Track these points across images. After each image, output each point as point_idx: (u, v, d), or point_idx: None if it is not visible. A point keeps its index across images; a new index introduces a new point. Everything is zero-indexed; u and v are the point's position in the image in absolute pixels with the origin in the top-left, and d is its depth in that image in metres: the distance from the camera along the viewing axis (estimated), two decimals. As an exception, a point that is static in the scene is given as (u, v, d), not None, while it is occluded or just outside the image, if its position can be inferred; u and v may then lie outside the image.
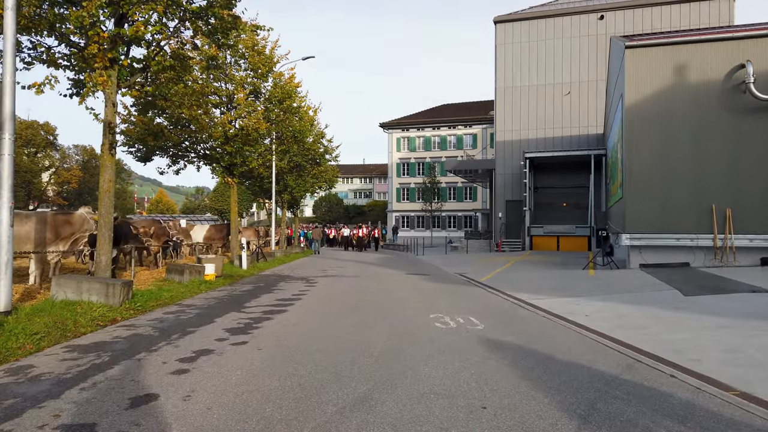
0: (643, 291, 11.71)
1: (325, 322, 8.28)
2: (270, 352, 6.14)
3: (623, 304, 10.24)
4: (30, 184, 61.39)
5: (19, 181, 55.68)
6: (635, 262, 17.18)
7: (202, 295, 11.78)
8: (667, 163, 16.69)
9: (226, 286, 13.67)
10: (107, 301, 9.35)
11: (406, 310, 9.71)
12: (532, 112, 34.29)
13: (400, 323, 8.21)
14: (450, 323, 8.24)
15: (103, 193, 11.01)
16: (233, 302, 10.64)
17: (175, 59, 12.62)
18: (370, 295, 12.01)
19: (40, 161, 65.91)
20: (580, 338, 7.25)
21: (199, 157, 21.01)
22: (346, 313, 9.15)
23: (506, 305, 10.59)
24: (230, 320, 8.39)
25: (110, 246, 11.05)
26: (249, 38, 20.44)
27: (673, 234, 16.45)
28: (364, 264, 23.22)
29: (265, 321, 8.30)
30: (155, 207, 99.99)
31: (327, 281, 15.20)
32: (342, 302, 10.68)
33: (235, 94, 19.83)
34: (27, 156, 61.74)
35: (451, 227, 58.76)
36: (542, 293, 12.25)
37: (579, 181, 32.29)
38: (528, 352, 6.32)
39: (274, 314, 9.01)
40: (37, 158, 65.30)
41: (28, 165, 60.56)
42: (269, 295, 11.83)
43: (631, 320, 8.64)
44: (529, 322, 8.51)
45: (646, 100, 17.11)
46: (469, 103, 65.05)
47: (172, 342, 6.70)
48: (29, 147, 63.24)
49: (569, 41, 33.68)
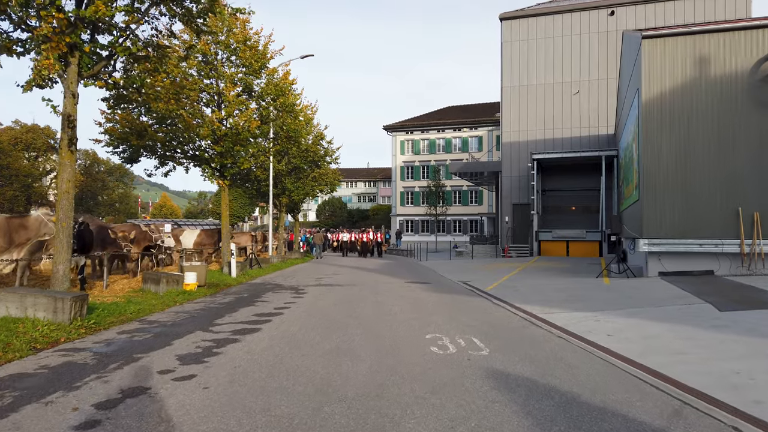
0: (670, 304, 10.37)
1: (300, 345, 7.02)
2: (216, 392, 4.88)
3: (650, 320, 8.91)
4: (29, 188, 60.44)
5: (18, 185, 54.70)
6: (654, 269, 15.83)
7: (175, 309, 10.54)
8: (688, 162, 15.37)
9: (206, 297, 12.43)
10: (55, 317, 8.13)
11: (399, 328, 8.43)
12: (539, 112, 32.94)
13: (389, 347, 6.93)
14: (449, 347, 6.96)
15: (62, 194, 9.81)
16: (205, 318, 9.39)
17: (149, 47, 11.46)
18: (362, 308, 10.73)
19: (40, 165, 65.00)
20: (606, 368, 5.95)
21: (188, 158, 19.83)
22: (329, 334, 7.88)
23: (515, 321, 9.29)
24: (190, 343, 7.14)
25: (69, 254, 9.83)
26: (240, 32, 19.30)
27: (696, 239, 15.11)
28: (363, 271, 21.95)
29: (230, 344, 7.04)
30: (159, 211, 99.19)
31: (318, 291, 13.94)
32: (328, 318, 9.41)
33: (224, 91, 18.63)
34: (27, 160, 60.78)
35: (456, 232, 57.36)
36: (554, 306, 10.95)
37: (589, 183, 30.91)
38: (544, 390, 5.03)
39: (245, 334, 7.75)
40: (37, 162, 64.38)
41: (29, 169, 59.58)
42: (249, 308, 10.57)
43: (663, 342, 7.32)
44: (542, 345, 7.21)
45: (664, 94, 15.80)
46: (474, 105, 63.71)
47: (105, 375, 5.45)
48: (29, 151, 62.32)
49: (578, 38, 32.35)
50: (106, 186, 70.06)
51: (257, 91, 20.16)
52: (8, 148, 56.91)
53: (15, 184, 55.06)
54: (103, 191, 69.67)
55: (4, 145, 56.32)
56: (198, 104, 18.92)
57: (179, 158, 19.75)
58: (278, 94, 20.16)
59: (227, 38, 19.17)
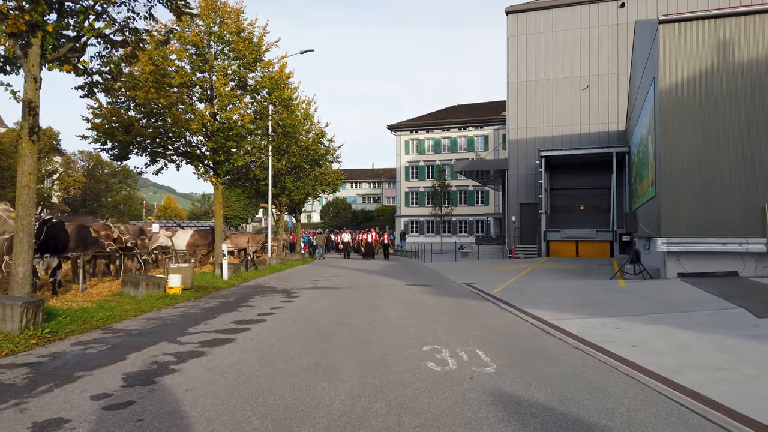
0: (698, 309, 9.30)
1: (274, 361, 6.03)
2: (149, 428, 3.88)
3: (678, 328, 7.85)
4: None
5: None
6: (672, 270, 14.76)
7: (150, 315, 9.56)
8: (708, 154, 14.33)
9: (188, 302, 11.46)
10: (3, 326, 7.18)
11: (393, 336, 7.43)
12: (547, 108, 31.81)
13: (378, 362, 5.92)
14: (448, 361, 5.94)
15: (22, 188, 8.87)
16: (178, 326, 8.40)
17: (126, 31, 10.53)
18: (354, 314, 9.73)
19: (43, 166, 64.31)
20: (637, 389, 4.92)
21: (179, 155, 18.90)
22: (311, 345, 6.88)
23: (524, 329, 8.26)
24: (147, 357, 6.16)
25: (30, 255, 8.88)
26: (233, 22, 18.37)
27: (718, 238, 14.02)
28: (363, 272, 20.95)
29: (193, 359, 6.05)
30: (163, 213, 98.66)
31: (311, 295, 12.95)
32: (314, 326, 8.42)
33: (216, 84, 17.68)
34: (29, 161, 60.04)
35: (461, 232, 56.18)
36: (567, 311, 9.91)
37: (599, 181, 29.76)
38: (565, 422, 4.01)
39: (215, 346, 6.76)
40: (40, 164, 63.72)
41: (30, 171, 58.84)
42: (230, 314, 9.59)
43: (699, 356, 6.28)
44: (558, 359, 6.19)
45: (682, 82, 14.74)
46: (480, 104, 62.54)
47: (26, 401, 4.48)
48: (31, 152, 61.61)
49: (587, 32, 31.21)
50: (109, 188, 69.41)
51: (252, 84, 19.23)
52: (10, 149, 56.45)
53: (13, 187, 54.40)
54: (106, 193, 69.03)
55: (6, 146, 55.86)
56: (188, 98, 18.00)
57: (170, 155, 18.85)
58: (273, 87, 19.19)
59: (220, 29, 18.26)
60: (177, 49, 17.64)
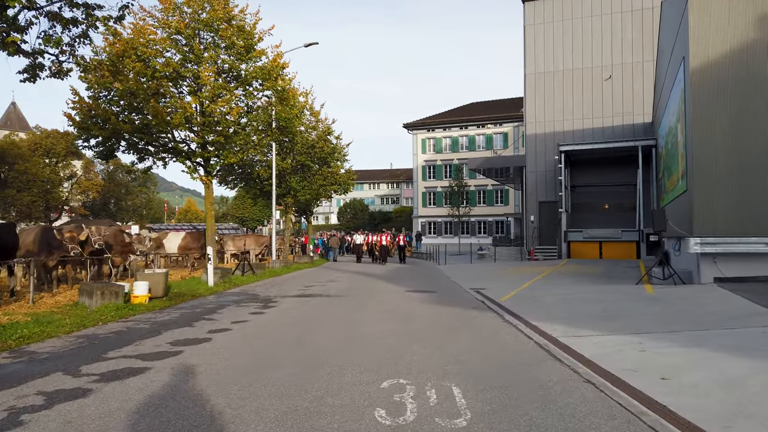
0: (745, 324, 7.53)
1: (161, 412, 4.53)
2: None
3: (721, 352, 6.13)
4: (48, 194, 59.56)
5: (36, 191, 53.99)
6: (707, 274, 12.90)
7: (86, 332, 8.15)
8: (746, 140, 12.54)
9: (146, 313, 10.05)
10: None
11: (354, 364, 5.88)
12: (567, 101, 29.83)
13: (310, 410, 4.37)
14: (407, 407, 4.37)
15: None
16: (99, 348, 6.92)
17: (72, 6, 9.23)
18: (324, 330, 8.20)
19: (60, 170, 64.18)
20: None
21: (164, 151, 17.63)
22: (237, 379, 5.37)
23: (525, 352, 6.63)
24: (12, 399, 4.72)
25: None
26: (221, 8, 16.99)
27: (761, 237, 12.16)
28: (365, 277, 19.41)
29: (71, 401, 4.59)
30: (183, 216, 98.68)
31: (291, 304, 11.47)
32: (265, 348, 6.91)
33: (200, 74, 16.32)
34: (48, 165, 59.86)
35: (480, 233, 54.20)
36: (583, 325, 8.24)
37: (624, 177, 27.70)
38: None
39: (110, 381, 5.27)
40: (57, 168, 63.58)
41: (48, 175, 58.70)
42: (176, 332, 8.11)
43: (756, 396, 4.59)
44: (560, 400, 4.57)
45: (716, 60, 12.92)
46: (499, 101, 60.47)
47: None
48: (49, 156, 61.52)
49: (609, 18, 29.17)
50: (129, 191, 69.27)
51: (242, 75, 17.85)
52: (27, 153, 56.44)
53: (34, 190, 54.43)
54: (126, 197, 68.89)
55: (24, 150, 55.89)
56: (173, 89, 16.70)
57: (155, 152, 17.60)
58: (265, 77, 17.76)
59: (209, 15, 16.90)
60: (161, 38, 16.37)
